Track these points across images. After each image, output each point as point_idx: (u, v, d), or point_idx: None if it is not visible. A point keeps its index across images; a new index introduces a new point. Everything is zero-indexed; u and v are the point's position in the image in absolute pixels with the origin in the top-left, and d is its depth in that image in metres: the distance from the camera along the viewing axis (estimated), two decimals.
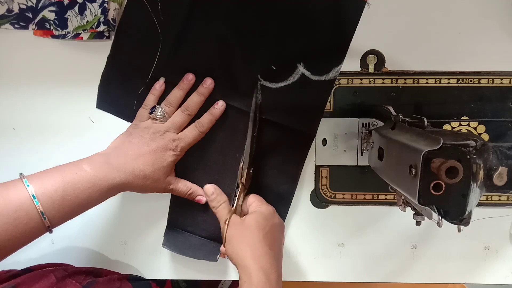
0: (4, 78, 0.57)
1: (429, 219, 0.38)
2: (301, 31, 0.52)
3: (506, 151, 0.38)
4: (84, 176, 0.45)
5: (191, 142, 0.53)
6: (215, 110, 0.53)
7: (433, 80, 0.54)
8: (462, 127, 0.55)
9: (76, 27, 0.53)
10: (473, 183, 0.34)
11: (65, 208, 0.44)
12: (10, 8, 0.54)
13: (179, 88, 0.53)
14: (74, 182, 0.44)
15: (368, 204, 0.57)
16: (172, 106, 0.52)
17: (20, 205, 0.41)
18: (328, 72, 0.52)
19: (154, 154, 0.50)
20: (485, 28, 0.53)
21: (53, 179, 0.44)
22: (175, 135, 0.52)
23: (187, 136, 0.52)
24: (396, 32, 0.54)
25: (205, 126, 0.53)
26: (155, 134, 0.51)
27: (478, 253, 0.58)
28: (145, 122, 0.52)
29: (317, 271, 0.59)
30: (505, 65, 0.54)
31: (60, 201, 0.43)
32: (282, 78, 0.53)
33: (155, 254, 0.59)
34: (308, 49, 0.52)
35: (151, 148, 0.50)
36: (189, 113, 0.52)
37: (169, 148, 0.51)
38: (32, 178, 0.43)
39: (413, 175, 0.35)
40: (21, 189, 0.42)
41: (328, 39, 0.52)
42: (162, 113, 0.51)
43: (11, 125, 0.57)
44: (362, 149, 0.55)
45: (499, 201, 0.56)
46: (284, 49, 0.52)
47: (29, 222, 0.42)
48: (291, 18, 0.52)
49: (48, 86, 0.56)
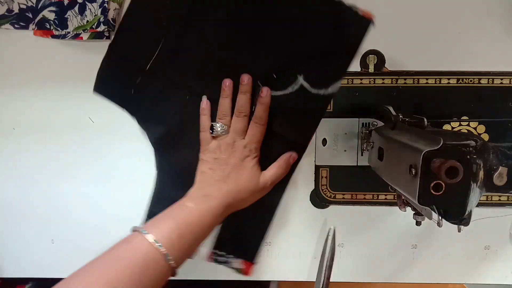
0: (4, 78, 0.57)
1: (429, 219, 0.38)
2: (304, 43, 0.52)
3: (506, 151, 0.38)
4: (191, 213, 0.48)
5: (260, 139, 0.53)
6: (263, 98, 0.52)
7: (433, 80, 0.54)
8: (462, 127, 0.55)
9: (76, 27, 0.53)
10: (473, 183, 0.34)
11: (185, 245, 0.46)
12: (10, 8, 0.54)
13: (224, 96, 0.53)
14: (185, 220, 0.47)
15: (368, 204, 0.57)
16: (226, 116, 0.52)
17: (146, 252, 0.43)
18: (327, 87, 0.52)
19: (236, 168, 0.51)
20: (485, 28, 0.53)
21: (166, 222, 0.46)
22: (244, 141, 0.52)
23: (253, 135, 0.52)
24: (396, 32, 0.54)
25: (263, 117, 0.52)
26: (227, 150, 0.51)
27: (478, 253, 0.58)
28: (212, 144, 0.52)
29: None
30: (505, 65, 0.54)
31: (179, 240, 0.45)
32: (281, 87, 0.52)
33: None
34: (310, 62, 0.52)
35: (232, 165, 0.51)
36: (244, 115, 0.52)
37: (245, 156, 0.51)
38: (147, 227, 0.46)
39: (413, 175, 0.35)
40: (141, 238, 0.44)
41: (330, 54, 0.51)
42: (221, 127, 0.52)
43: (11, 125, 0.57)
44: (362, 149, 0.55)
45: (499, 201, 0.56)
46: (286, 59, 0.52)
47: (156, 267, 0.44)
48: (294, 28, 0.52)
49: (48, 86, 0.57)
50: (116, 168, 0.59)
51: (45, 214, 0.59)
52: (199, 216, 0.48)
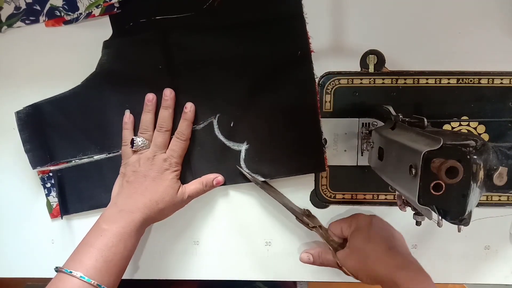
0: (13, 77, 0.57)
1: (429, 219, 0.38)
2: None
3: (506, 151, 0.38)
4: (109, 235, 0.48)
5: (181, 154, 0.54)
6: (187, 114, 0.54)
7: (433, 80, 0.54)
8: (462, 127, 0.55)
9: (88, 5, 0.53)
10: (473, 183, 0.34)
11: (112, 268, 0.46)
12: (17, 6, 0.54)
13: (146, 111, 0.53)
14: (105, 244, 0.47)
15: (368, 204, 0.57)
16: (148, 130, 0.53)
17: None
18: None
19: (155, 180, 0.51)
20: (485, 28, 0.53)
21: (87, 253, 0.46)
22: (164, 155, 0.52)
23: (174, 150, 0.53)
24: (396, 32, 0.54)
25: (185, 133, 0.53)
26: (146, 163, 0.52)
27: (478, 253, 0.58)
28: (132, 157, 0.52)
29: (317, 271, 0.59)
30: (505, 65, 0.54)
31: (106, 265, 0.46)
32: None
33: (157, 254, 0.59)
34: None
35: (150, 177, 0.51)
36: (165, 129, 0.53)
37: (164, 169, 0.52)
38: (69, 264, 0.46)
39: (413, 175, 0.35)
40: (68, 279, 0.44)
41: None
42: (142, 141, 0.52)
43: (11, 125, 0.57)
44: (362, 149, 0.55)
45: (499, 201, 0.56)
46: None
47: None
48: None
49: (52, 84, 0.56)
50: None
51: (45, 214, 0.59)
52: (118, 237, 0.48)
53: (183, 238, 0.59)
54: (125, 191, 0.52)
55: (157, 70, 0.54)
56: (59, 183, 0.57)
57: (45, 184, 0.58)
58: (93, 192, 0.57)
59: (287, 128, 0.54)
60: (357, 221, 0.53)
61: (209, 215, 0.58)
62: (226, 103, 0.54)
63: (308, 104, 0.53)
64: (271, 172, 0.55)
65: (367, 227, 0.52)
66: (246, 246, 0.59)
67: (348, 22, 0.53)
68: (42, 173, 0.58)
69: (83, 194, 0.58)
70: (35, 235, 0.60)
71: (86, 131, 0.56)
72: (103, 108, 0.55)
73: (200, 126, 0.55)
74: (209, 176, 0.55)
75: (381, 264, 0.47)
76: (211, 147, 0.55)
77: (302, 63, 0.53)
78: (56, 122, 0.55)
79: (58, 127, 0.55)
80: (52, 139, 0.55)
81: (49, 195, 0.58)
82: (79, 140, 0.56)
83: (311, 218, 0.56)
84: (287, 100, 0.53)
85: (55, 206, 0.58)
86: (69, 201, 0.58)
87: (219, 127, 0.55)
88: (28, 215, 0.60)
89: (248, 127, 0.54)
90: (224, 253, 0.59)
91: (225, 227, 0.59)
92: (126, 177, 0.52)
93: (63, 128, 0.55)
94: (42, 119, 0.55)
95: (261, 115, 0.54)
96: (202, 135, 0.55)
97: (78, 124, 0.55)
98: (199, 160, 0.55)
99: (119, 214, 0.49)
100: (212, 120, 0.55)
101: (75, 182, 0.57)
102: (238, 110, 0.54)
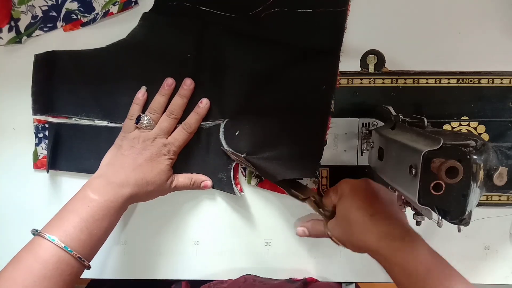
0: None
1: (429, 219, 0.38)
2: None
3: (506, 151, 0.38)
4: (97, 206, 0.46)
5: (181, 145, 0.53)
6: (200, 108, 0.53)
7: (433, 80, 0.54)
8: (462, 127, 0.55)
9: (103, 4, 0.53)
10: (473, 183, 0.34)
11: (95, 241, 0.46)
12: (34, 15, 0.54)
13: (161, 94, 0.53)
14: (92, 215, 0.46)
15: None
16: (157, 112, 0.52)
17: (58, 261, 0.42)
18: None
19: (150, 161, 0.51)
20: (485, 28, 0.53)
21: (72, 221, 0.45)
22: (165, 140, 0.52)
23: (177, 139, 0.53)
24: (396, 32, 0.54)
25: (193, 126, 0.53)
26: (146, 142, 0.51)
27: (478, 253, 0.58)
28: (133, 133, 0.52)
29: (317, 271, 0.59)
30: (505, 65, 0.54)
31: (89, 238, 0.45)
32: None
33: (157, 254, 0.59)
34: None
35: (145, 156, 0.50)
36: (174, 117, 0.53)
37: (162, 154, 0.51)
38: (51, 230, 0.44)
39: (413, 175, 0.35)
40: (49, 246, 0.42)
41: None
42: (148, 121, 0.51)
43: (11, 125, 0.57)
44: (362, 149, 0.55)
45: (499, 201, 0.56)
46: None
47: (72, 270, 0.43)
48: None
49: None
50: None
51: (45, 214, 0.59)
52: (105, 210, 0.46)
53: (183, 238, 0.59)
54: (118, 162, 0.50)
55: (184, 58, 0.53)
56: (54, 137, 0.56)
57: (38, 133, 0.57)
58: (84, 155, 0.56)
59: (290, 156, 0.53)
60: (342, 188, 0.50)
61: (209, 215, 0.58)
62: (238, 112, 0.54)
63: (318, 138, 0.53)
64: (265, 177, 0.55)
65: (350, 193, 0.48)
66: (246, 246, 0.59)
67: (348, 22, 0.52)
68: (38, 121, 0.56)
69: (74, 155, 0.56)
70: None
71: (95, 94, 0.54)
72: (118, 76, 0.54)
73: (207, 125, 0.55)
74: (199, 177, 0.55)
75: (364, 233, 0.45)
76: (211, 148, 0.55)
77: (324, 96, 0.52)
78: (68, 75, 0.54)
79: (69, 80, 0.54)
80: (59, 90, 0.54)
81: (39, 145, 0.57)
82: (85, 99, 0.55)
83: (301, 189, 0.53)
84: (298, 129, 0.53)
85: (41, 158, 0.57)
86: (59, 157, 0.56)
87: (224, 131, 0.54)
88: (28, 215, 0.59)
89: (250, 142, 0.54)
90: (224, 253, 0.59)
91: (225, 227, 0.59)
92: (121, 150, 0.51)
93: (73, 83, 0.54)
94: (56, 68, 0.54)
95: (268, 136, 0.54)
96: (206, 133, 0.55)
97: (89, 84, 0.54)
98: (194, 156, 0.55)
99: (109, 186, 0.48)
100: (220, 123, 0.55)
101: (69, 140, 0.56)
102: (248, 122, 0.54)
